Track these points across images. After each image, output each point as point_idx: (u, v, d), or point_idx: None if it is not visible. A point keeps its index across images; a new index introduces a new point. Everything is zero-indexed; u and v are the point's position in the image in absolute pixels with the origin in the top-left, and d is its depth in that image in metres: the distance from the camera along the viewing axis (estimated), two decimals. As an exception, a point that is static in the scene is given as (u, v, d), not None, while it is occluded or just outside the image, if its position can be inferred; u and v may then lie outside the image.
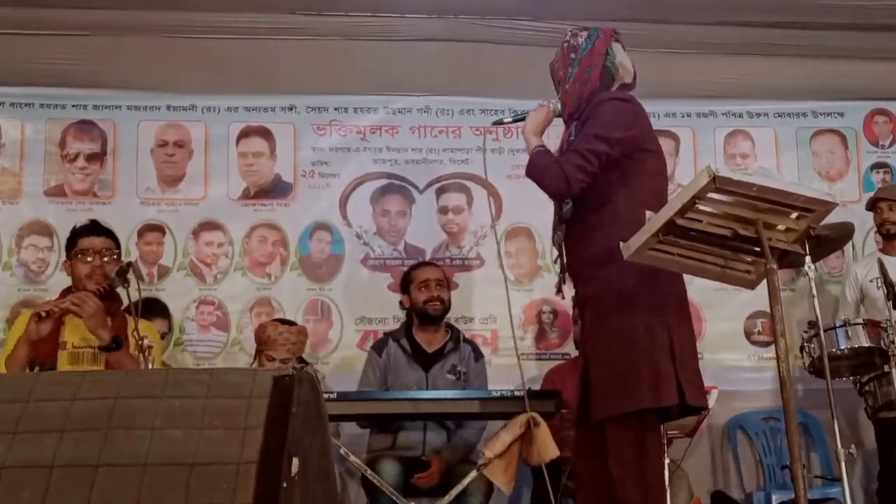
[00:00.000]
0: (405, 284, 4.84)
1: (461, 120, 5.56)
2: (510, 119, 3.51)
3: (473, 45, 5.48)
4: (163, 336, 4.96)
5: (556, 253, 3.34)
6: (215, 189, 5.39)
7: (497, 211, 5.42)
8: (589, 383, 3.14)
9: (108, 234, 4.10)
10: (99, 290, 3.81)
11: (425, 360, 4.70)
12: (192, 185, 5.38)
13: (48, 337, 3.76)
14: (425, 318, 4.74)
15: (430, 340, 4.75)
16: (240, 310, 5.27)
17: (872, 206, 5.18)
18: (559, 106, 3.32)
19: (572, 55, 3.29)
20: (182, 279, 5.29)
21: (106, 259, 3.95)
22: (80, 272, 3.95)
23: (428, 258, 5.32)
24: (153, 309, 4.97)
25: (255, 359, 4.61)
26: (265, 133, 5.48)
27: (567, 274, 3.29)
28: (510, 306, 3.77)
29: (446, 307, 4.77)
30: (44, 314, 3.71)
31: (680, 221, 2.64)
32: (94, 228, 4.08)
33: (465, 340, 4.83)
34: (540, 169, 3.15)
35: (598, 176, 3.10)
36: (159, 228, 5.32)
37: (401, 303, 4.88)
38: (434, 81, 5.54)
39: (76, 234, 4.06)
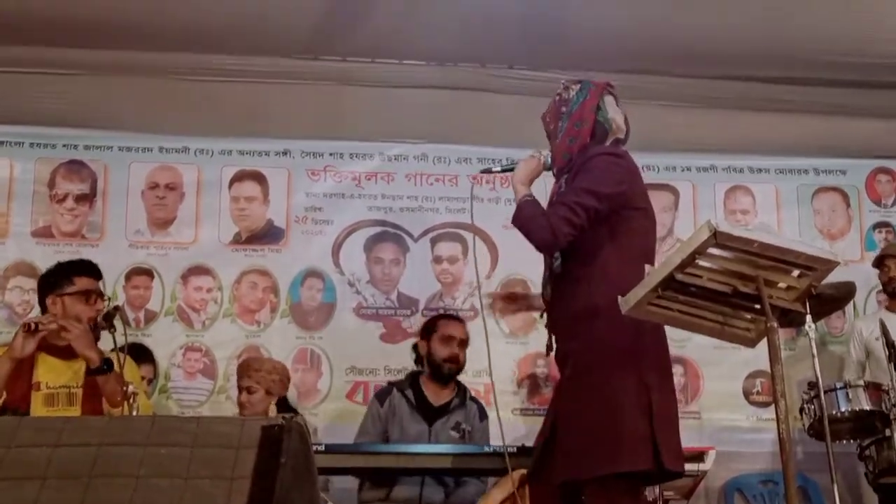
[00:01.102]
0: (427, 331, 4.81)
1: (458, 168, 5.59)
2: (499, 169, 3.50)
3: (472, 93, 5.53)
4: (148, 382, 4.94)
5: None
6: (206, 233, 5.41)
7: (493, 262, 5.44)
8: (552, 438, 3.12)
9: (101, 277, 4.11)
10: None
11: (430, 414, 4.65)
12: (183, 229, 5.40)
13: (21, 377, 3.76)
14: (438, 374, 4.72)
15: (437, 394, 4.72)
16: (227, 357, 5.26)
17: (879, 263, 5.20)
18: (549, 159, 3.34)
19: (563, 109, 3.30)
20: (169, 325, 5.28)
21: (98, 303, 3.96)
22: (80, 313, 3.90)
23: (421, 308, 5.33)
24: (138, 355, 4.93)
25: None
26: (258, 177, 5.51)
27: (550, 329, 3.29)
28: (490, 359, 3.69)
29: (461, 367, 4.75)
30: (33, 326, 3.72)
31: (679, 276, 2.65)
32: (93, 268, 4.07)
33: (472, 399, 4.79)
34: (526, 218, 3.15)
35: (586, 230, 3.10)
36: (147, 272, 5.32)
37: (415, 346, 4.87)
38: (431, 129, 5.58)
39: (69, 271, 4.02)
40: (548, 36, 5.09)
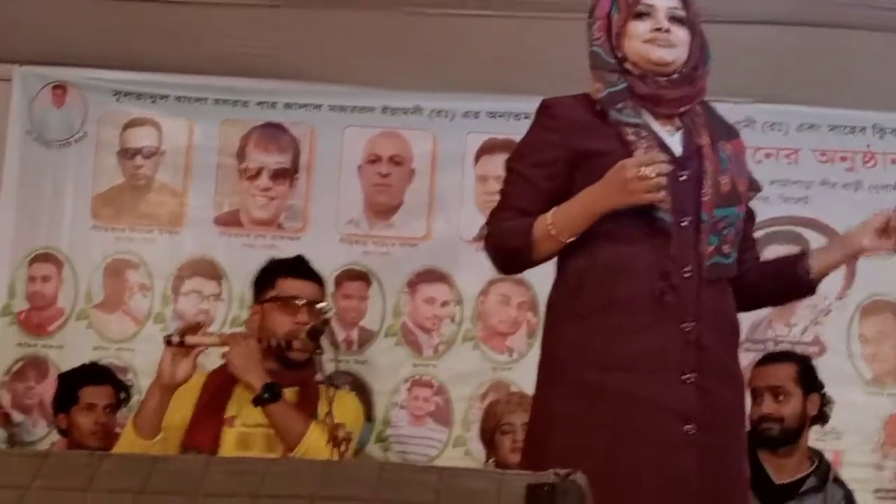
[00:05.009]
0: None
1: (800, 139, 5.49)
2: None
3: (821, 31, 5.40)
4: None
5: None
6: (443, 225, 5.56)
7: (847, 276, 5.31)
8: None
9: (320, 281, 4.31)
10: (271, 345, 4.02)
11: (769, 497, 4.55)
12: (412, 219, 5.56)
13: (209, 408, 3.99)
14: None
15: (780, 467, 4.67)
16: (468, 396, 5.38)
17: None
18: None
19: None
20: (390, 349, 5.45)
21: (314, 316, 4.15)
22: (278, 326, 4.15)
23: (742, 340, 5.25)
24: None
25: (487, 458, 4.75)
26: (515, 149, 5.59)
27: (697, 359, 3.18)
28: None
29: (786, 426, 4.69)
30: (176, 339, 3.93)
31: None
32: (307, 270, 4.30)
33: (837, 480, 4.70)
34: None
35: None
36: (363, 277, 5.51)
37: None
38: (760, 82, 5.49)
39: (275, 271, 4.27)
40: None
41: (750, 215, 3.43)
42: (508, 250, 3.32)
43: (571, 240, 3.16)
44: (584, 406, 3.13)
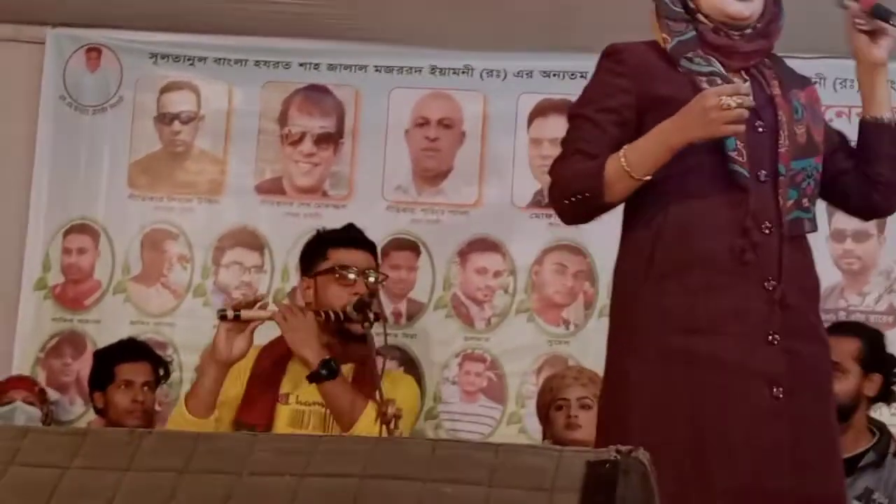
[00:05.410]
0: None
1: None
2: None
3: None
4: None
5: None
6: (495, 191, 5.55)
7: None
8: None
9: (373, 250, 4.33)
10: (329, 318, 4.04)
11: None
12: (462, 185, 5.56)
13: (263, 384, 4.02)
14: None
15: None
16: (522, 371, 5.38)
17: None
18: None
19: None
20: (441, 322, 5.46)
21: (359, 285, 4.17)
22: (332, 298, 4.18)
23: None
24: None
25: (543, 436, 4.75)
26: (570, 111, 5.57)
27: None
28: None
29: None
30: (231, 314, 3.96)
31: None
32: (360, 238, 4.34)
33: None
34: None
35: None
36: (412, 246, 5.51)
37: None
38: (832, 36, 5.38)
39: (325, 242, 4.30)
40: None
41: (843, 138, 3.49)
42: (579, 193, 3.21)
43: (647, 177, 3.10)
44: (667, 373, 3.10)
